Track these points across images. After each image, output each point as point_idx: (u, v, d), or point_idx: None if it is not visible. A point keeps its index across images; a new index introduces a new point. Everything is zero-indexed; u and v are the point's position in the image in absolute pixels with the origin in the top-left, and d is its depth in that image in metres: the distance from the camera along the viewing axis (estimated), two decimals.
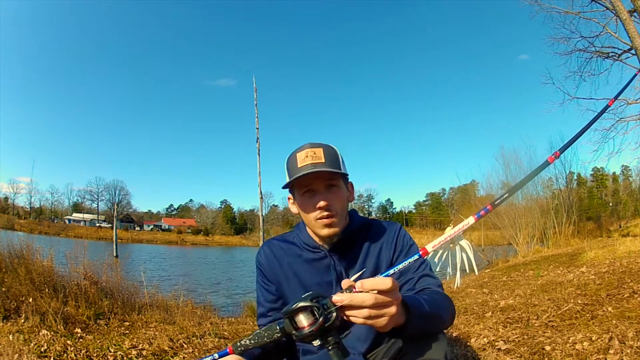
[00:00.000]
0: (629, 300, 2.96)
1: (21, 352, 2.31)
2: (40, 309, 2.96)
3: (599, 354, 2.01)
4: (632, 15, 8.58)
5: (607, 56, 10.22)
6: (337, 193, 1.03)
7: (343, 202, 1.05)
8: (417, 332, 0.81)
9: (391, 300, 0.68)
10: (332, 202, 1.01)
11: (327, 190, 1.02)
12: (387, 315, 0.68)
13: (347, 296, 0.66)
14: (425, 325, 0.82)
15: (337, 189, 1.03)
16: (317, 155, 1.00)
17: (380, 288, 0.67)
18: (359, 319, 0.67)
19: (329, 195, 1.01)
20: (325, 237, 1.04)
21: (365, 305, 0.66)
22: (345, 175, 1.06)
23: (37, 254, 3.76)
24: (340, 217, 1.04)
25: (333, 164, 1.01)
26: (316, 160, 0.99)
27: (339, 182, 1.04)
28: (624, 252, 6.05)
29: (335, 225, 1.03)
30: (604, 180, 48.76)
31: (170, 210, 74.22)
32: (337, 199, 1.02)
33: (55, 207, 64.11)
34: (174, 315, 3.80)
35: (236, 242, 57.79)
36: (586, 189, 37.01)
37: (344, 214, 1.06)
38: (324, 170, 0.98)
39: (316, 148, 1.02)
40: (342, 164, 1.05)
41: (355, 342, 1.05)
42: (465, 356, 2.37)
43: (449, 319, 0.93)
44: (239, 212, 72.14)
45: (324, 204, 1.00)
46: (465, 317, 3.43)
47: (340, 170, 1.02)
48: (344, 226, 1.06)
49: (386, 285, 0.66)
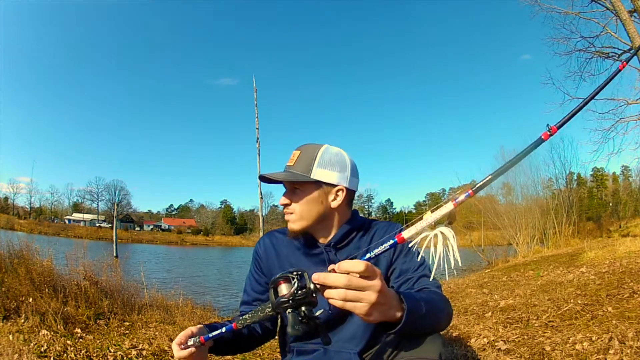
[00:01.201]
0: (629, 300, 2.96)
1: (21, 352, 2.31)
2: (40, 309, 2.96)
3: (599, 354, 2.01)
4: (632, 16, 8.59)
5: (607, 56, 10.23)
6: (299, 195, 1.08)
7: (304, 205, 1.07)
8: (413, 329, 0.81)
9: (368, 284, 0.69)
10: (292, 201, 1.08)
11: (292, 191, 1.09)
12: (366, 301, 0.69)
13: (323, 275, 0.70)
14: (420, 323, 0.81)
15: (300, 192, 1.08)
16: (292, 158, 1.08)
17: (353, 270, 0.69)
18: (337, 301, 0.70)
19: (291, 195, 1.09)
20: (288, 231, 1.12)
21: (339, 285, 0.69)
22: (312, 182, 1.06)
23: (37, 254, 3.76)
24: (299, 217, 1.08)
25: (301, 167, 1.06)
26: (290, 163, 1.08)
27: (302, 186, 1.08)
28: (624, 252, 6.05)
29: (292, 222, 1.09)
30: (604, 181, 48.75)
31: (170, 210, 74.24)
32: (297, 199, 1.08)
33: (55, 207, 64.19)
34: (174, 315, 3.80)
35: (236, 242, 57.82)
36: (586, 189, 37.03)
37: (306, 216, 1.08)
38: (270, 178, 1.07)
39: (298, 150, 1.09)
40: (315, 167, 1.06)
41: (351, 342, 1.05)
42: (465, 356, 2.37)
43: (445, 319, 0.94)
44: (239, 212, 72.19)
45: (281, 202, 1.10)
46: (465, 317, 3.43)
47: (295, 178, 1.05)
48: (305, 227, 1.09)
49: (359, 267, 0.68)
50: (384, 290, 0.71)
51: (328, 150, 1.09)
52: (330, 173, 1.07)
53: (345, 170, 1.09)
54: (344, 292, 0.69)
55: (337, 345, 1.07)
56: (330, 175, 1.07)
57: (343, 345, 1.06)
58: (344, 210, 1.12)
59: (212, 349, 1.00)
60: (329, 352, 1.07)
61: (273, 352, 2.76)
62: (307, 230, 1.11)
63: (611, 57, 10.16)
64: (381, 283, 0.71)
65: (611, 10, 9.06)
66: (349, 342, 1.06)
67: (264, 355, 2.76)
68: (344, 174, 1.09)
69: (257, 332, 1.17)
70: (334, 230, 1.11)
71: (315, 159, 1.07)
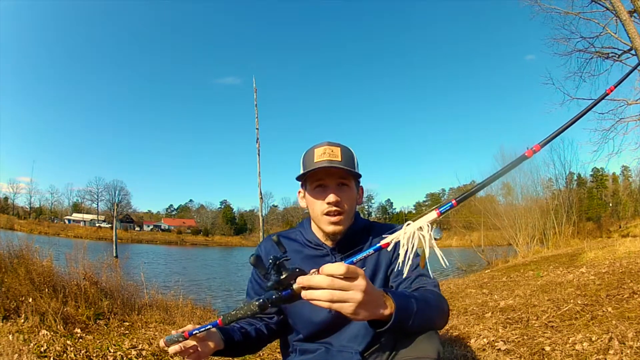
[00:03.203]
0: (628, 300, 2.96)
1: (21, 352, 2.31)
2: (40, 309, 2.96)
3: (599, 354, 2.02)
4: (632, 16, 8.59)
5: (607, 57, 10.23)
6: (347, 192, 1.07)
7: (352, 202, 1.08)
8: (405, 327, 0.82)
9: (350, 284, 0.71)
10: (342, 200, 1.05)
11: (339, 187, 1.06)
12: (352, 301, 0.71)
13: (307, 277, 0.72)
14: (412, 321, 0.82)
15: (348, 188, 1.07)
16: (334, 153, 1.05)
17: (334, 273, 0.70)
18: (322, 302, 0.71)
19: (339, 192, 1.05)
20: (329, 233, 1.08)
21: (322, 286, 0.70)
22: (357, 177, 1.09)
23: (37, 254, 3.76)
24: (347, 216, 1.07)
25: (348, 164, 1.05)
26: (333, 158, 1.04)
27: (350, 182, 1.08)
28: (624, 252, 6.05)
29: (341, 223, 1.06)
30: (603, 181, 48.74)
31: (170, 210, 74.21)
32: (347, 197, 1.06)
33: (55, 207, 64.13)
34: (174, 315, 3.80)
35: (236, 243, 57.80)
36: (586, 190, 36.99)
37: (350, 214, 1.09)
38: (340, 167, 1.02)
39: (334, 146, 1.07)
40: (356, 166, 1.09)
41: (353, 341, 1.06)
42: (465, 356, 2.37)
43: (440, 317, 0.94)
44: (238, 212, 72.17)
45: (334, 199, 1.04)
46: (465, 318, 3.43)
47: (354, 170, 1.06)
48: (348, 226, 1.09)
49: (339, 270, 0.70)
50: (368, 289, 0.73)
51: None
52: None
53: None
54: (329, 292, 0.70)
55: (340, 345, 1.07)
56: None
57: (345, 344, 1.07)
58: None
59: (222, 351, 1.01)
60: (331, 351, 1.07)
61: (273, 352, 2.76)
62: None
63: (611, 57, 10.16)
64: (365, 283, 0.72)
65: (611, 11, 9.06)
66: (351, 342, 1.06)
67: (264, 355, 2.76)
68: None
69: (264, 332, 1.17)
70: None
71: (354, 156, 1.09)
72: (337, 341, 1.08)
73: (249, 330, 1.13)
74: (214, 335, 0.99)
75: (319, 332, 1.10)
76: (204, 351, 0.95)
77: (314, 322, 1.10)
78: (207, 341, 0.96)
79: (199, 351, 0.94)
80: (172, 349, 0.91)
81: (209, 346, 0.97)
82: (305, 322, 1.11)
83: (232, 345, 1.04)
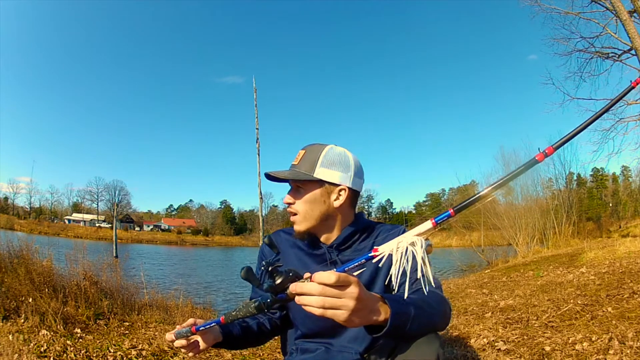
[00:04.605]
0: (628, 300, 2.96)
1: (21, 352, 2.31)
2: (40, 309, 2.96)
3: (599, 354, 2.02)
4: (632, 16, 8.60)
5: (607, 57, 10.23)
6: (303, 194, 1.10)
7: (308, 204, 1.09)
8: (403, 332, 0.81)
9: (341, 292, 0.71)
10: (296, 202, 1.10)
11: (295, 190, 1.11)
12: (345, 308, 0.71)
13: (300, 284, 0.73)
14: (411, 326, 0.81)
15: (303, 190, 1.10)
16: (297, 157, 1.11)
17: (324, 282, 0.71)
18: (314, 308, 0.72)
19: (294, 194, 1.11)
20: (294, 232, 1.13)
21: (313, 293, 0.71)
22: (315, 180, 1.08)
23: (37, 254, 3.76)
24: (302, 218, 1.10)
25: (305, 166, 1.08)
26: (295, 162, 1.11)
27: (306, 185, 1.09)
28: (624, 252, 6.05)
29: (297, 223, 1.11)
30: (603, 181, 48.73)
31: (170, 210, 74.18)
32: (300, 199, 1.10)
33: (55, 207, 64.11)
34: (174, 315, 3.81)
35: (236, 243, 57.80)
36: (586, 190, 36.99)
37: (309, 216, 1.10)
38: (273, 176, 1.09)
39: (303, 149, 1.11)
40: (318, 167, 1.08)
41: (354, 342, 1.06)
42: (465, 356, 2.37)
43: (441, 320, 0.93)
44: (238, 212, 72.16)
45: (286, 200, 1.12)
46: (465, 318, 3.43)
47: (298, 177, 1.08)
48: (310, 227, 1.10)
49: (330, 279, 0.70)
50: (361, 296, 0.73)
51: (332, 150, 1.10)
52: (333, 172, 1.08)
53: (349, 170, 1.10)
54: (322, 300, 0.71)
55: (340, 345, 1.07)
56: (333, 175, 1.08)
57: (346, 345, 1.07)
58: (347, 211, 1.13)
59: (223, 343, 1.07)
60: (332, 351, 1.07)
61: (273, 352, 2.76)
62: (312, 230, 1.12)
63: (611, 57, 10.16)
64: (358, 290, 0.72)
65: (611, 11, 9.06)
66: (351, 342, 1.06)
67: (264, 355, 2.76)
68: (347, 174, 1.09)
69: (267, 327, 1.20)
70: (336, 231, 1.12)
71: (319, 158, 1.09)
72: (337, 341, 1.09)
73: (250, 325, 1.16)
74: (213, 329, 1.04)
75: (319, 330, 1.10)
76: (204, 344, 1.02)
77: (312, 318, 1.09)
78: (208, 334, 1.03)
79: (200, 345, 1.02)
80: (179, 343, 0.98)
81: (209, 339, 1.03)
82: (304, 317, 1.11)
83: (231, 338, 1.09)
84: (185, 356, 2.65)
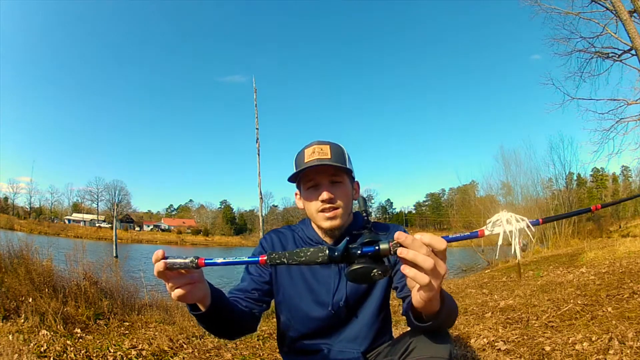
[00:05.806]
0: (628, 300, 2.96)
1: (21, 352, 2.30)
2: (40, 309, 2.95)
3: (599, 354, 2.01)
4: (632, 16, 8.59)
5: (607, 57, 10.23)
6: (340, 188, 1.07)
7: (346, 198, 1.08)
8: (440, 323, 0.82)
9: (441, 264, 0.68)
10: (335, 196, 1.06)
11: (331, 185, 1.07)
12: (439, 279, 0.68)
13: (409, 236, 0.68)
14: (447, 318, 0.84)
15: (341, 185, 1.07)
16: (323, 152, 1.05)
17: (434, 245, 0.67)
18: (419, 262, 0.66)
19: (332, 189, 1.06)
20: (327, 229, 1.08)
21: (421, 250, 0.66)
22: (350, 172, 1.09)
23: (37, 254, 3.76)
24: (343, 212, 1.07)
25: (338, 160, 1.05)
26: (322, 156, 1.04)
27: (343, 178, 1.08)
28: (624, 252, 6.05)
29: (336, 218, 1.06)
30: (603, 181, 48.72)
31: (170, 210, 74.20)
32: (340, 193, 1.06)
33: (55, 207, 64.12)
34: (174, 315, 3.80)
35: (236, 243, 57.77)
36: (586, 190, 37.01)
37: (347, 210, 1.09)
38: (328, 164, 1.02)
39: (323, 145, 1.07)
40: (347, 161, 1.08)
41: (354, 342, 1.06)
42: (465, 356, 2.37)
43: (455, 317, 0.96)
44: (238, 212, 72.16)
45: (327, 196, 1.04)
46: (465, 318, 3.43)
47: (344, 166, 1.06)
48: (346, 222, 1.09)
49: (441, 245, 0.67)
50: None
51: None
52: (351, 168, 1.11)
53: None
54: (431, 261, 0.66)
55: (341, 345, 1.07)
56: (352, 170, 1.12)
57: (347, 345, 1.07)
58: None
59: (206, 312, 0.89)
60: (333, 352, 1.07)
61: (273, 352, 2.76)
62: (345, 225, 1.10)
63: (611, 57, 10.16)
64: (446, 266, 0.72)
65: (611, 11, 9.07)
66: (352, 342, 1.06)
67: (264, 355, 2.76)
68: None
69: (248, 315, 1.07)
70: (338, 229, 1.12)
71: (345, 153, 1.10)
72: (337, 341, 1.08)
73: (239, 300, 1.07)
74: (205, 287, 0.88)
75: (317, 330, 1.10)
76: (193, 295, 0.85)
77: (311, 318, 1.09)
78: (202, 285, 0.86)
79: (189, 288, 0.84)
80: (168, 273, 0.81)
81: (199, 290, 0.86)
82: (302, 317, 1.11)
83: (218, 305, 0.91)
84: (185, 356, 2.64)
